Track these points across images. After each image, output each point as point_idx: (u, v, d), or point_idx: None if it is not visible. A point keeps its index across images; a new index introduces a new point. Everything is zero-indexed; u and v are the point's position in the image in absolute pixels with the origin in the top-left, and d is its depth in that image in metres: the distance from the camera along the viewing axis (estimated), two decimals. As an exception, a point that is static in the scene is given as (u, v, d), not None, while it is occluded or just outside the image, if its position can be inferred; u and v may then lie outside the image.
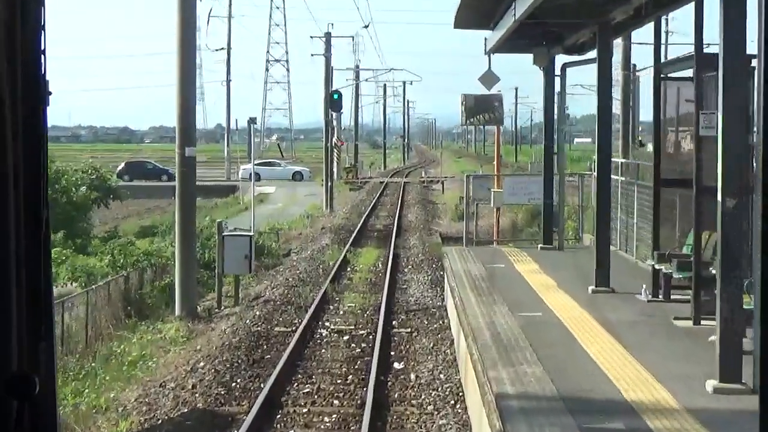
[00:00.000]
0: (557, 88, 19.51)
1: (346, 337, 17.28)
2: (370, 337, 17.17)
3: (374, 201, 52.89)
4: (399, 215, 43.24)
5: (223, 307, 21.46)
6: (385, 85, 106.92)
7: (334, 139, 69.98)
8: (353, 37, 61.25)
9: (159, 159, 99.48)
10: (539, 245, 20.94)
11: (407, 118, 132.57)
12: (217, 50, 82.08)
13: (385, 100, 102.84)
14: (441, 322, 18.19)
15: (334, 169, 71.80)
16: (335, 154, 71.97)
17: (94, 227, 41.40)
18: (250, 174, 30.92)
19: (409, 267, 26.44)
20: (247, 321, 18.52)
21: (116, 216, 57.62)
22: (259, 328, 17.91)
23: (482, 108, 24.52)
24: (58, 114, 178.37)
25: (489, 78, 23.50)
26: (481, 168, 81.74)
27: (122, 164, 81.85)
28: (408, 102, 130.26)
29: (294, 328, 17.72)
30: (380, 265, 27.01)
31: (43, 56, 2.36)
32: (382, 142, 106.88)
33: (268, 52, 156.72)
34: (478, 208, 44.92)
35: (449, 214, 43.19)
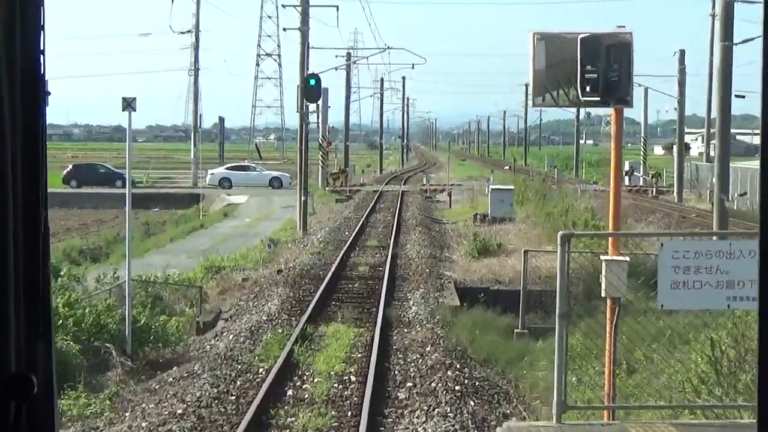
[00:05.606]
0: None
1: None
2: None
3: (363, 219, 40.13)
4: (394, 245, 30.55)
5: None
6: (382, 79, 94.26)
7: (319, 139, 57.51)
8: (338, 7, 47.92)
9: (145, 158, 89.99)
10: None
11: (407, 116, 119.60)
12: (182, 33, 69.35)
13: (382, 93, 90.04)
14: None
15: (318, 176, 59.33)
16: (321, 156, 59.35)
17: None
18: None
19: (411, 386, 13.57)
20: None
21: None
22: None
23: (575, 68, 10.06)
24: (55, 112, 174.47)
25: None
26: (492, 173, 69.02)
27: (69, 167, 69.16)
28: (407, 99, 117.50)
29: None
30: (353, 379, 14.13)
31: (42, 56, 2.35)
32: (379, 143, 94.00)
33: (259, 45, 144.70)
34: (497, 234, 31.81)
35: (464, 245, 30.09)
